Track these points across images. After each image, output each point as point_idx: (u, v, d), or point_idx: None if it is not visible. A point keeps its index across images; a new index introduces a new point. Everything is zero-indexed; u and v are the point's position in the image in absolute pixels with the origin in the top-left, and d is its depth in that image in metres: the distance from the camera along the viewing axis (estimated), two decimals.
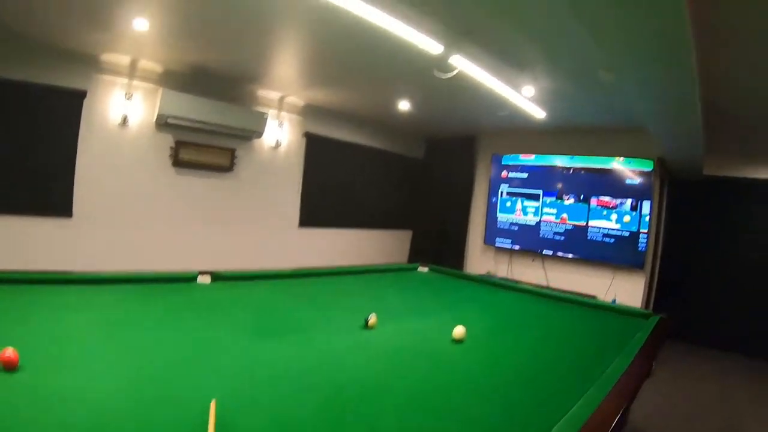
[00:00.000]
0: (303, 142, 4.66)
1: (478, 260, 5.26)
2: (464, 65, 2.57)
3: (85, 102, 3.51)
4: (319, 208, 4.91)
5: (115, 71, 3.67)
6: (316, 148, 4.76)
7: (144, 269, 2.63)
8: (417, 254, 5.66)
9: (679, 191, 4.70)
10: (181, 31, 3.02)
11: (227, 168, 4.22)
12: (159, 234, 4.00)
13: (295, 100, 4.47)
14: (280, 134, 4.43)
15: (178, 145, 4.01)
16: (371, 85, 3.86)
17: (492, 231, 5.05)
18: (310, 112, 4.65)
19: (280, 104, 4.43)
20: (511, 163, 4.98)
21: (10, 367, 0.95)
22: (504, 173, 5.00)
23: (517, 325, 2.04)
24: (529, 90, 3.19)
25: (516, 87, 3.19)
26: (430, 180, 5.66)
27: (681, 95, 2.60)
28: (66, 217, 3.44)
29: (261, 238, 4.51)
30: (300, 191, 4.72)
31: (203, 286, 2.12)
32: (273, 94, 4.34)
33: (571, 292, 4.10)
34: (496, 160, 5.08)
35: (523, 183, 4.85)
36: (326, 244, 5.03)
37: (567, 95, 3.46)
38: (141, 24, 2.77)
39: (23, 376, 0.95)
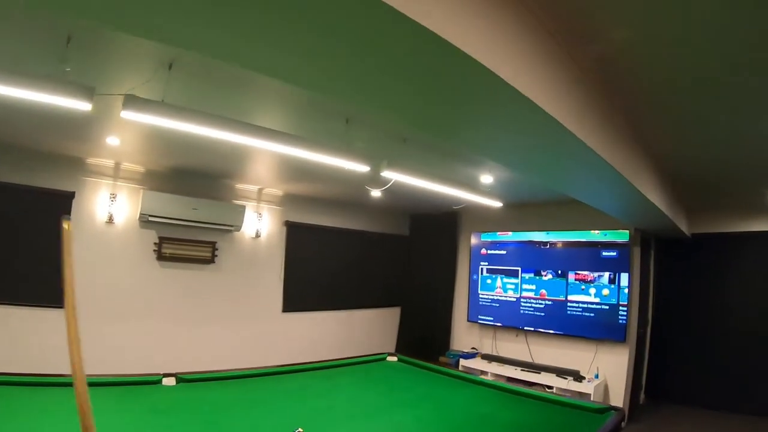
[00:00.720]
0: (284, 230, 4.85)
1: (465, 336, 5.27)
2: (397, 176, 2.81)
3: (74, 202, 3.84)
4: (304, 293, 4.99)
5: (100, 173, 4.02)
6: (297, 236, 4.94)
7: (128, 365, 2.80)
8: (406, 331, 5.76)
9: (667, 249, 4.78)
10: (151, 145, 3.43)
11: (209, 260, 4.39)
12: (144, 326, 4.07)
13: (274, 191, 4.74)
14: (261, 224, 4.63)
15: (162, 241, 4.24)
16: (340, 182, 4.08)
17: (475, 308, 5.10)
18: (289, 201, 4.90)
19: (259, 196, 4.69)
20: (489, 239, 5.13)
21: None
22: (483, 250, 5.14)
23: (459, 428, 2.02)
24: (488, 178, 3.39)
25: (469, 179, 3.43)
26: (417, 256, 5.78)
27: (636, 206, 2.87)
28: (57, 308, 3.44)
29: (245, 326, 4.52)
30: (282, 278, 4.82)
31: (168, 388, 2.32)
32: (251, 188, 4.62)
33: (554, 368, 4.30)
34: (476, 237, 5.24)
35: (502, 260, 4.96)
36: (312, 327, 5.03)
37: (524, 182, 3.65)
38: (113, 140, 3.23)
39: None
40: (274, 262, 4.78)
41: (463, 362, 4.72)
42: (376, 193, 4.19)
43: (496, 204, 3.99)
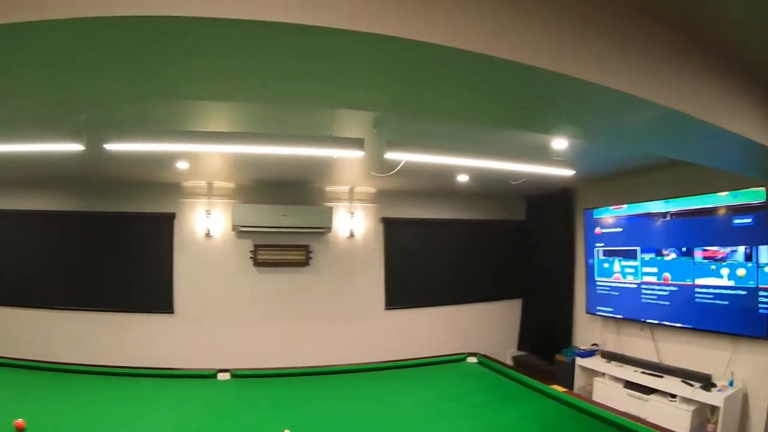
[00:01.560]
0: (380, 227, 5.76)
1: (587, 330, 5.54)
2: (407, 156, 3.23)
3: (175, 221, 5.26)
4: (408, 289, 5.79)
5: (196, 194, 5.28)
6: (396, 231, 5.80)
7: (232, 363, 3.71)
8: (529, 325, 6.27)
9: None
10: (235, 165, 4.56)
11: (304, 263, 5.53)
12: (245, 329, 5.42)
13: (366, 189, 5.58)
14: (354, 223, 5.56)
15: (257, 248, 5.39)
16: (425, 174, 4.73)
17: (593, 297, 5.29)
18: (383, 197, 5.73)
19: (351, 195, 5.58)
20: (603, 215, 5.16)
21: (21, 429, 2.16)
22: (598, 229, 5.25)
23: None
24: (561, 143, 3.39)
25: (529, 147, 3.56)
26: (535, 242, 6.15)
27: None
28: (169, 314, 5.27)
29: (347, 324, 5.63)
30: (384, 274, 5.78)
31: (222, 383, 3.23)
32: (341, 188, 5.50)
33: (682, 371, 4.25)
34: (588, 215, 5.31)
35: (618, 239, 4.97)
36: (421, 324, 5.84)
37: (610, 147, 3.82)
38: (182, 165, 4.37)
39: None
40: (374, 260, 5.72)
41: (579, 361, 5.00)
42: (462, 178, 4.88)
43: (567, 172, 4.13)
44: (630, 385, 4.40)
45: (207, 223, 5.31)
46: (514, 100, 1.92)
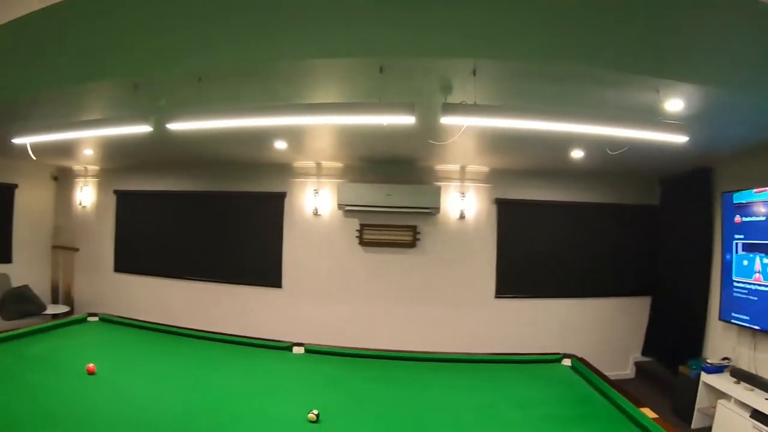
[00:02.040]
0: (493, 208, 6.09)
1: (720, 340, 5.23)
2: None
3: (286, 200, 6.17)
4: (521, 277, 6.04)
5: (305, 174, 6.09)
6: (510, 213, 6.08)
7: (335, 340, 4.22)
8: (657, 327, 6.01)
9: None
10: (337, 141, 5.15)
11: (410, 244, 6.13)
12: (350, 307, 6.18)
13: (479, 167, 5.92)
14: (465, 204, 5.97)
15: (363, 227, 6.06)
16: (549, 148, 4.83)
17: (728, 301, 4.97)
18: (497, 176, 6.03)
19: (462, 174, 5.99)
20: (744, 201, 4.77)
21: (91, 373, 2.90)
22: (737, 218, 4.87)
23: None
24: (677, 104, 3.17)
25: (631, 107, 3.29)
26: (668, 231, 5.97)
27: None
28: (277, 288, 6.37)
29: (453, 310, 6.12)
30: (495, 260, 6.13)
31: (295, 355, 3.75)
32: (452, 167, 5.91)
33: None
34: (727, 200, 4.93)
35: (762, 230, 4.56)
36: (532, 315, 6.04)
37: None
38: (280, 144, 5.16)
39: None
40: (484, 243, 6.10)
41: (705, 377, 4.75)
42: (577, 153, 4.90)
43: (680, 138, 3.51)
44: (758, 415, 3.96)
45: (315, 202, 6.18)
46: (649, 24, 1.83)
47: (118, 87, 3.25)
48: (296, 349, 3.87)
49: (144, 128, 3.54)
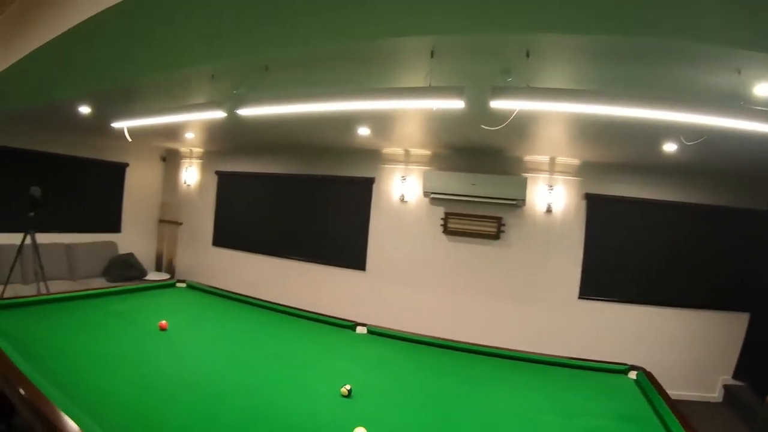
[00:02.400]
0: (583, 204, 5.84)
1: None
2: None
3: (374, 186, 6.32)
4: (609, 279, 5.67)
5: (393, 160, 6.18)
6: (600, 210, 5.79)
7: (410, 325, 4.33)
8: (754, 347, 5.44)
9: None
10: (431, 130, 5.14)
11: (494, 236, 6.05)
12: (429, 295, 6.24)
13: (569, 160, 5.74)
14: (552, 197, 5.83)
15: (447, 216, 6.09)
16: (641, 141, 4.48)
17: None
18: (588, 170, 5.79)
19: (551, 166, 5.84)
20: None
21: (163, 329, 3.35)
22: None
23: None
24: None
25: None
26: None
27: None
28: (361, 271, 6.60)
29: (532, 307, 5.98)
30: (582, 258, 5.87)
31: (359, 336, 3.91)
32: (541, 158, 5.77)
33: None
34: None
35: None
36: (618, 321, 5.66)
37: None
38: (364, 131, 5.22)
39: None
40: (571, 240, 5.88)
41: None
42: (670, 147, 4.43)
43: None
44: None
45: (402, 189, 6.29)
46: None
47: (197, 76, 3.52)
48: (359, 329, 4.03)
49: (219, 114, 3.83)
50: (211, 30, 2.28)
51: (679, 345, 5.56)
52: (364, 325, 4.05)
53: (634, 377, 3.38)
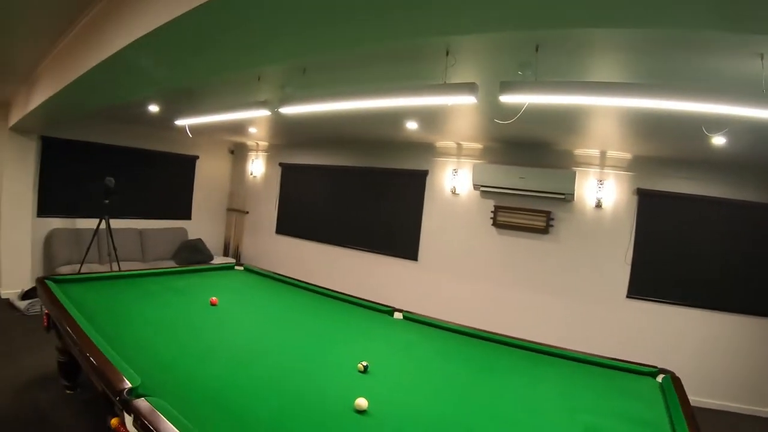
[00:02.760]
0: (634, 199, 5.77)
1: None
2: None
3: (428, 179, 6.59)
4: (659, 279, 5.50)
5: (446, 154, 6.42)
6: (653, 206, 5.67)
7: (463, 316, 4.62)
8: None
9: None
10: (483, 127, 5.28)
11: (543, 230, 6.12)
12: (479, 287, 6.43)
13: (620, 154, 5.73)
14: (603, 193, 5.83)
15: (497, 209, 6.26)
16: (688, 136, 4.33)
17: None
18: (641, 165, 5.73)
19: (602, 161, 5.85)
20: None
21: (213, 304, 3.89)
22: None
23: None
24: None
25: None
26: None
27: None
28: (413, 261, 6.90)
29: (578, 305, 5.99)
30: (630, 257, 5.76)
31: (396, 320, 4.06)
32: (591, 152, 5.80)
33: None
34: None
35: None
36: (669, 324, 5.51)
37: None
38: (411, 125, 5.37)
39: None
40: (621, 237, 5.83)
41: None
42: (719, 141, 4.20)
43: None
44: None
45: (454, 182, 6.53)
46: None
47: (246, 79, 3.91)
48: (396, 315, 4.33)
49: (264, 112, 4.22)
50: (269, 34, 2.48)
51: (731, 353, 5.31)
52: (400, 311, 4.34)
53: (660, 380, 3.32)
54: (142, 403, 2.23)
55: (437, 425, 2.43)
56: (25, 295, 6.29)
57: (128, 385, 2.33)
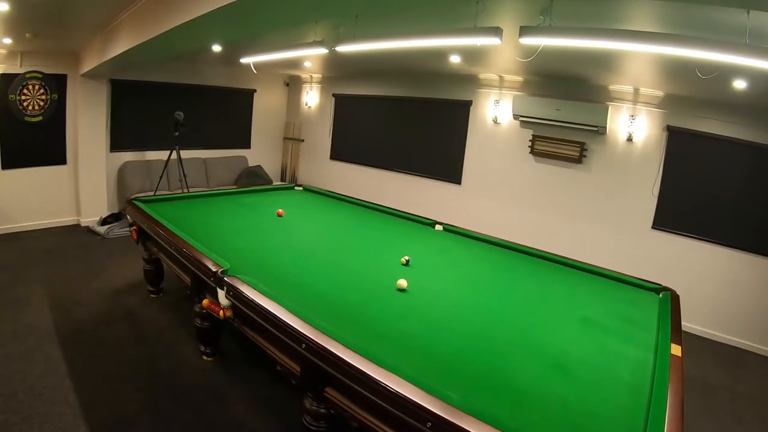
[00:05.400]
0: (663, 135, 6.09)
1: None
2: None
3: (471, 108, 7.19)
4: (684, 213, 5.79)
5: (489, 85, 6.96)
6: (682, 144, 5.93)
7: (501, 235, 4.96)
8: None
9: None
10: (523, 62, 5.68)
11: (576, 159, 6.59)
12: (516, 209, 7.15)
13: (652, 91, 6.03)
14: (634, 127, 6.21)
15: (534, 138, 6.81)
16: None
17: None
18: (672, 102, 5.99)
19: (635, 97, 6.18)
20: None
21: (280, 216, 4.84)
22: None
23: None
24: None
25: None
26: None
27: None
28: (457, 184, 7.63)
29: (605, 232, 6.52)
30: (658, 190, 6.10)
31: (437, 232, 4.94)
32: (626, 88, 6.14)
33: None
34: None
35: None
36: (687, 256, 5.85)
37: None
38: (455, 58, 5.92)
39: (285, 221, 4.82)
40: (650, 170, 6.19)
41: None
42: (740, 84, 4.39)
43: None
44: None
45: (496, 112, 7.11)
46: None
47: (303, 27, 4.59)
48: (437, 227, 5.06)
49: (322, 50, 4.62)
50: None
51: (750, 292, 5.55)
52: (441, 223, 5.08)
53: (660, 297, 3.60)
54: (233, 279, 2.97)
55: (461, 303, 3.22)
56: (104, 222, 7.33)
57: (221, 267, 3.07)
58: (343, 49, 4.52)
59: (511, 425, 1.81)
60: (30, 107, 6.69)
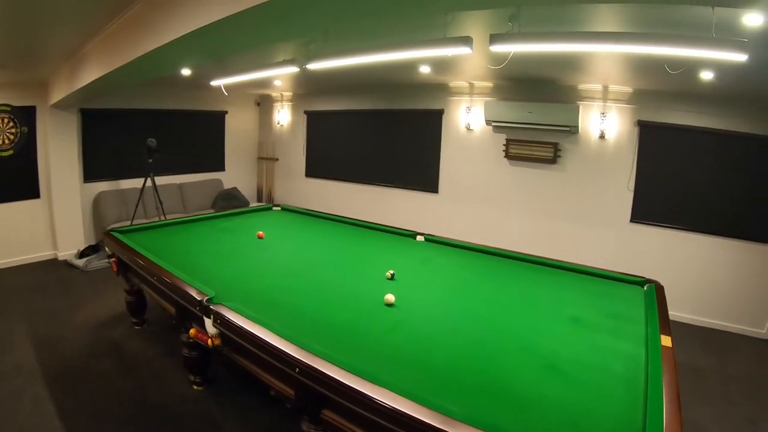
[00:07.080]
0: (635, 131, 6.23)
1: None
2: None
3: (443, 117, 7.28)
4: (659, 204, 5.98)
5: (459, 93, 7.05)
6: (653, 137, 6.07)
7: (482, 241, 5.04)
8: None
9: None
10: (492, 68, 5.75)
11: (551, 160, 6.70)
12: (495, 213, 7.21)
13: (621, 88, 6.18)
14: (605, 125, 6.34)
15: (508, 142, 6.90)
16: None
17: None
18: (641, 98, 6.15)
19: (604, 94, 6.32)
20: None
21: (260, 238, 4.82)
22: None
23: None
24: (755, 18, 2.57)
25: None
26: None
27: None
28: (434, 193, 7.69)
29: (585, 228, 6.64)
30: (633, 184, 6.24)
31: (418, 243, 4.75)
32: (594, 86, 6.28)
33: None
34: None
35: None
36: (667, 246, 6.01)
37: None
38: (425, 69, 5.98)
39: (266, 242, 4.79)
40: (624, 165, 6.34)
41: None
42: (706, 76, 4.55)
43: (738, 57, 2.66)
44: None
45: (468, 118, 7.20)
46: None
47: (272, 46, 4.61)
48: (419, 237, 5.10)
49: (293, 69, 4.73)
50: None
51: (731, 276, 5.75)
52: (422, 234, 5.11)
53: (644, 289, 3.69)
54: (219, 307, 2.94)
55: (450, 312, 3.25)
56: (82, 254, 7.17)
57: (206, 295, 3.04)
58: (315, 66, 4.54)
59: (513, 430, 1.83)
60: (0, 141, 6.58)
